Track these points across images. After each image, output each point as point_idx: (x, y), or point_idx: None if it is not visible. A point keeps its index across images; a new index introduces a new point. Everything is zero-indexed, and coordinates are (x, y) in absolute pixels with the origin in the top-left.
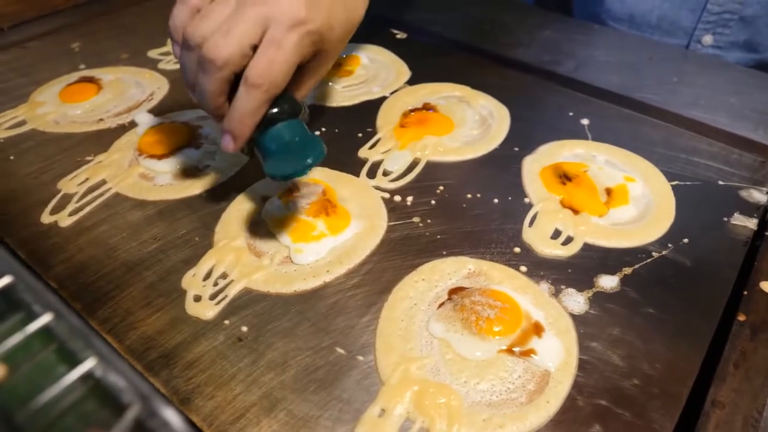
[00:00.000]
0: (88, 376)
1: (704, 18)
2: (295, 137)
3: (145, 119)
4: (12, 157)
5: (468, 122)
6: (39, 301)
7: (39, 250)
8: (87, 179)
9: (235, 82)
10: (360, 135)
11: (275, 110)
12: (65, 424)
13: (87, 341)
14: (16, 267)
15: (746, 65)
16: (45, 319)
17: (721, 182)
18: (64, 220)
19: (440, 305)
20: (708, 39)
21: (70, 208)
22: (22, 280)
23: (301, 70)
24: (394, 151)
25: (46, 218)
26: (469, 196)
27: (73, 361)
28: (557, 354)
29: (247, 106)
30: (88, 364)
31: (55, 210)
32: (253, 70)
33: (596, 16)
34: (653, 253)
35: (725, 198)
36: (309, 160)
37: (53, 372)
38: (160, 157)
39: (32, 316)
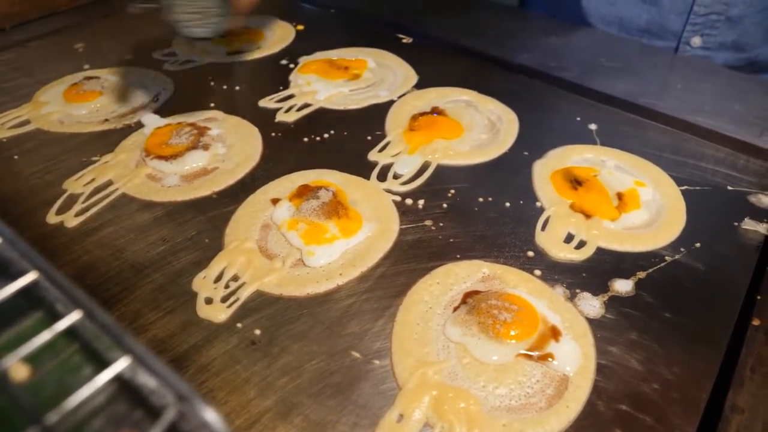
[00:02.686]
0: (116, 377)
1: (691, 20)
2: None
3: (151, 120)
4: (16, 157)
5: (477, 126)
6: (67, 299)
7: (45, 252)
8: (93, 179)
9: None
10: (369, 138)
11: None
12: (94, 427)
13: (120, 341)
14: (40, 263)
15: (735, 65)
16: (74, 317)
17: (729, 187)
18: (71, 220)
19: (455, 309)
20: (696, 41)
21: (77, 208)
22: (48, 276)
23: None
24: (404, 155)
25: (52, 218)
26: (480, 199)
27: (99, 362)
28: (575, 358)
29: None
30: (122, 364)
31: (61, 210)
32: None
33: (584, 18)
34: (666, 258)
35: (735, 203)
36: None
37: (79, 373)
38: (168, 158)
39: (55, 315)
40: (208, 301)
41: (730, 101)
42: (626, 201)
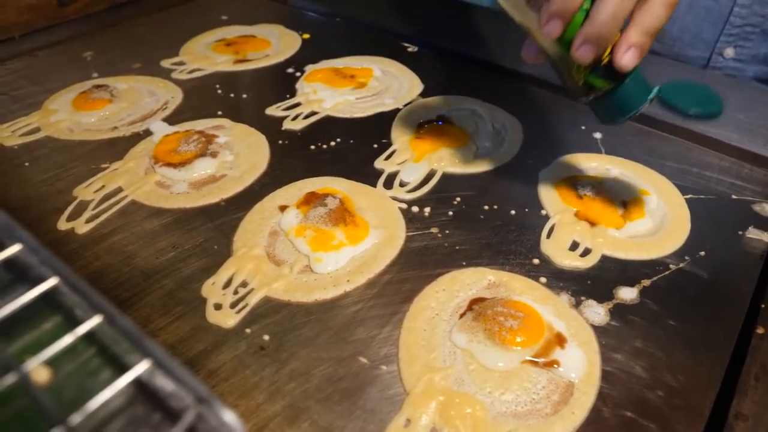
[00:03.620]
0: (135, 380)
1: (726, 31)
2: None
3: (159, 128)
4: (26, 164)
5: (482, 135)
6: (87, 304)
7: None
8: (103, 186)
9: None
10: (375, 146)
11: None
12: (113, 429)
13: (140, 344)
14: (61, 268)
15: (765, 78)
16: (94, 321)
17: (734, 196)
18: (81, 227)
19: (461, 315)
20: (729, 52)
21: (87, 215)
22: (68, 282)
23: None
24: (410, 163)
25: (63, 225)
26: (486, 207)
27: (118, 365)
28: (580, 365)
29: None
30: (142, 367)
31: (72, 217)
32: None
33: None
34: (671, 266)
35: (739, 212)
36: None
37: (98, 376)
38: (176, 165)
39: (73, 319)
40: (217, 306)
41: (734, 110)
42: (631, 209)
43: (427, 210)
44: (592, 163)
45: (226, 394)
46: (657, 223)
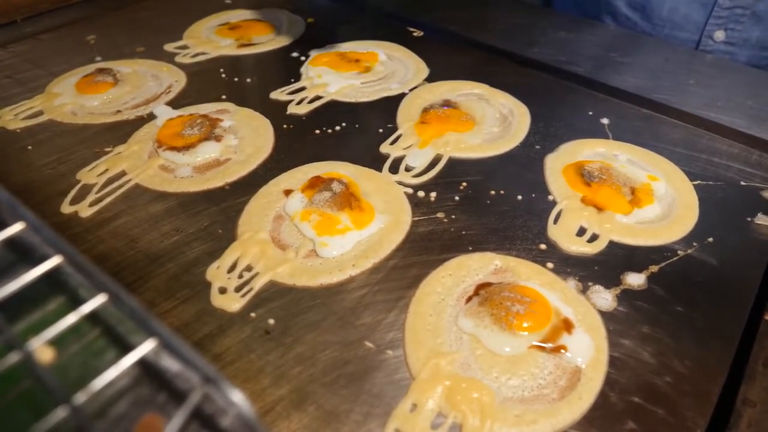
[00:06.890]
0: (140, 361)
1: (715, 13)
2: None
3: (163, 111)
4: (30, 147)
5: (488, 120)
6: (92, 283)
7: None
8: (106, 170)
9: None
10: (381, 131)
11: None
12: (118, 409)
13: (146, 323)
14: (65, 248)
15: (759, 64)
16: (99, 300)
17: (742, 182)
18: (85, 210)
19: (468, 300)
20: (720, 34)
21: (91, 198)
22: (73, 261)
23: None
24: (416, 147)
25: (66, 208)
26: (492, 192)
27: (123, 346)
28: (587, 350)
29: None
30: (148, 346)
31: (75, 200)
32: None
33: (611, 3)
34: (679, 252)
35: (747, 198)
36: None
37: (103, 356)
38: (180, 149)
39: (77, 299)
40: (222, 290)
41: (743, 97)
42: (639, 195)
43: (433, 195)
44: (600, 149)
45: (231, 377)
46: (665, 209)
